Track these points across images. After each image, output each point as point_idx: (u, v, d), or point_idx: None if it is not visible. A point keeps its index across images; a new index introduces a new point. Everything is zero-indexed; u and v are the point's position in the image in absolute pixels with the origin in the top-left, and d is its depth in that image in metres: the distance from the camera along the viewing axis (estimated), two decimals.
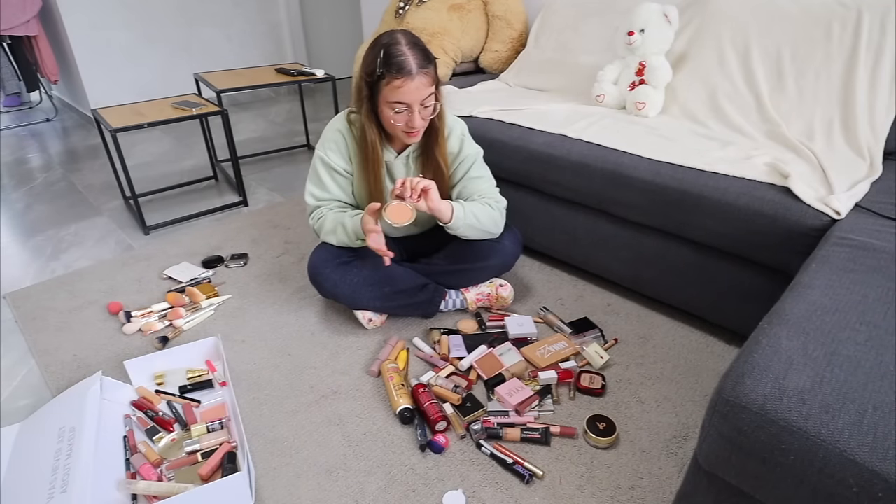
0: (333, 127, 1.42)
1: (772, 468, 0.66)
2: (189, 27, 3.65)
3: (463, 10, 2.32)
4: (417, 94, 1.22)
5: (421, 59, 1.20)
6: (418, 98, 1.22)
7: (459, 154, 1.43)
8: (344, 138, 1.41)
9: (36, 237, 2.11)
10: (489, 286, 1.59)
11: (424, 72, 1.21)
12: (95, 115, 2.09)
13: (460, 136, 1.43)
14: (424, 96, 1.23)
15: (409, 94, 1.21)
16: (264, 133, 3.34)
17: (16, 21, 3.08)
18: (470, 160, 1.44)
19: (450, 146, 1.41)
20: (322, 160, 1.43)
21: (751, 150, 1.43)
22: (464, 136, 1.44)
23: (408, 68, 1.19)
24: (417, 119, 1.25)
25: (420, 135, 1.32)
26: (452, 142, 1.42)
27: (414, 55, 1.20)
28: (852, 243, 1.00)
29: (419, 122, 1.26)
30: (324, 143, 1.43)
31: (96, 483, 1.03)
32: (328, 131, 1.43)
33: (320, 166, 1.44)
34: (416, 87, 1.21)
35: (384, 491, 1.08)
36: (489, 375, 1.33)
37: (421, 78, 1.20)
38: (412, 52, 1.20)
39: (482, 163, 1.49)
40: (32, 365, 1.45)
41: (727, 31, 1.68)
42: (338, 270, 1.45)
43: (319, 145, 1.44)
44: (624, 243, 1.55)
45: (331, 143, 1.41)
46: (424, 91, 1.22)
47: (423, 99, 1.23)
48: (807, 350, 0.72)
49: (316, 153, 1.44)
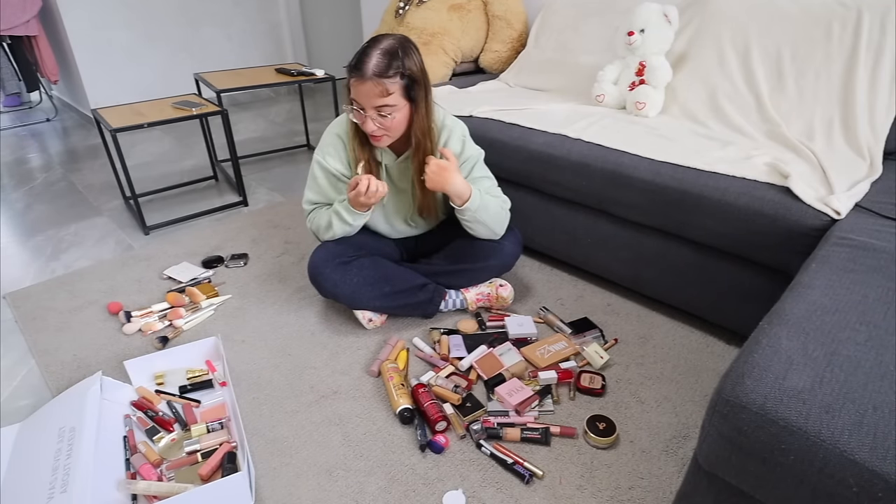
0: (332, 131, 1.42)
1: (772, 468, 0.66)
2: (189, 27, 3.65)
3: (463, 10, 2.32)
4: (367, 99, 1.21)
5: (381, 67, 1.18)
6: (369, 103, 1.21)
7: (461, 155, 1.43)
8: (343, 142, 1.40)
9: (36, 237, 2.11)
10: (489, 286, 1.59)
11: (378, 80, 1.18)
12: (95, 115, 2.09)
13: (461, 137, 1.43)
14: (376, 104, 1.21)
15: (359, 96, 1.21)
16: (264, 133, 3.34)
17: (16, 21, 3.08)
18: (472, 161, 1.44)
19: (451, 146, 1.41)
20: (320, 164, 1.42)
21: (751, 150, 1.43)
22: (465, 138, 1.44)
23: (362, 69, 1.18)
24: (369, 123, 1.25)
25: (383, 141, 1.31)
26: (454, 143, 1.41)
27: (378, 60, 1.18)
28: (852, 243, 1.00)
29: (370, 126, 1.25)
30: (322, 148, 1.42)
31: (96, 483, 1.03)
32: (327, 136, 1.42)
33: (318, 171, 1.43)
34: (366, 92, 1.20)
35: (384, 491, 1.08)
36: (489, 375, 1.33)
37: (372, 84, 1.19)
38: (380, 57, 1.19)
39: (483, 165, 1.48)
40: (32, 365, 1.45)
41: (727, 31, 1.68)
42: (338, 270, 1.45)
43: (318, 150, 1.43)
44: (624, 243, 1.55)
45: (329, 148, 1.41)
46: (374, 98, 1.20)
47: (377, 106, 1.22)
48: (807, 350, 0.72)
49: (314, 158, 1.44)
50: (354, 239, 1.52)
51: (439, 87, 2.13)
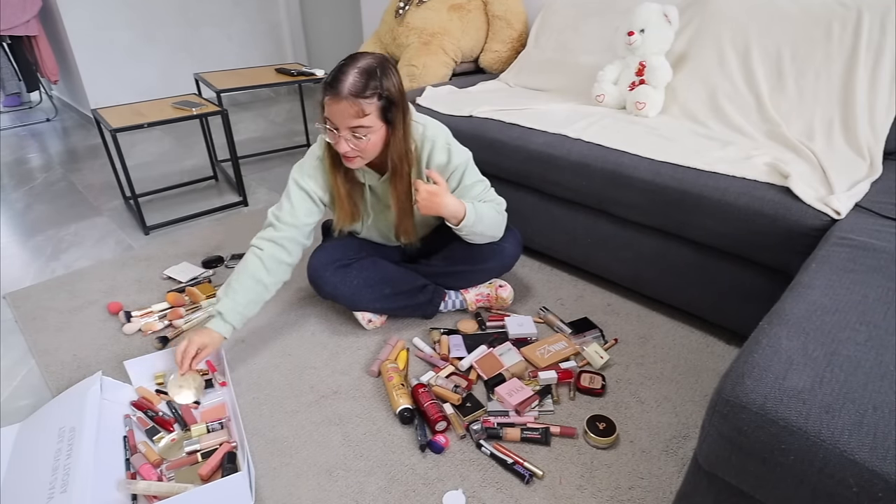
0: (313, 154, 1.37)
1: (772, 468, 0.66)
2: (189, 27, 3.65)
3: (463, 10, 2.32)
4: (341, 119, 1.16)
5: (358, 87, 1.14)
6: (343, 122, 1.17)
7: (449, 165, 1.35)
8: (321, 164, 1.36)
9: (36, 237, 2.11)
10: (489, 287, 1.59)
11: (354, 100, 1.14)
12: (95, 115, 2.09)
13: (445, 145, 1.35)
14: (351, 124, 1.17)
15: (333, 115, 1.17)
16: (264, 133, 3.34)
17: (16, 21, 3.08)
18: (461, 169, 1.37)
19: (436, 159, 1.35)
20: (296, 182, 1.36)
21: (751, 150, 1.43)
22: (449, 145, 1.35)
23: (337, 88, 1.13)
24: (342, 143, 1.20)
25: (356, 162, 1.25)
26: (438, 154, 1.34)
27: (355, 79, 1.13)
28: (852, 243, 1.00)
29: (343, 147, 1.20)
30: (302, 166, 1.37)
31: (96, 483, 1.03)
32: (308, 157, 1.37)
33: (293, 188, 1.36)
34: (341, 111, 1.15)
35: (384, 491, 1.08)
36: (489, 375, 1.33)
37: (347, 104, 1.14)
38: (357, 76, 1.14)
39: (473, 167, 1.41)
40: (32, 365, 1.45)
41: (727, 31, 1.68)
42: (337, 273, 1.44)
43: (297, 167, 1.38)
44: (624, 243, 1.55)
45: (309, 169, 1.36)
46: (349, 119, 1.16)
47: (352, 127, 1.17)
48: (807, 350, 0.72)
49: (292, 175, 1.37)
50: (354, 242, 1.52)
51: (439, 87, 2.13)
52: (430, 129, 1.35)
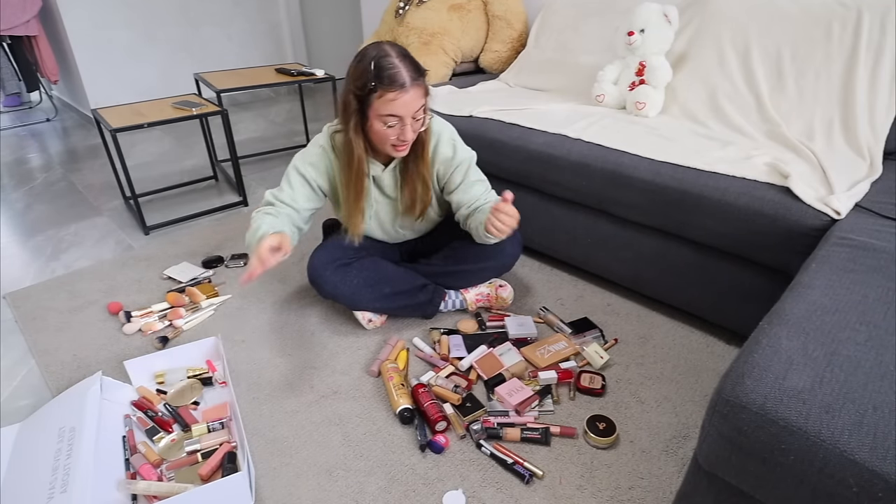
0: (317, 143, 1.38)
1: (772, 468, 0.66)
2: (189, 27, 3.65)
3: (463, 10, 2.32)
4: (411, 107, 1.19)
5: (413, 72, 1.18)
6: (411, 111, 1.20)
7: (454, 159, 1.40)
8: (326, 155, 1.37)
9: (36, 237, 2.11)
10: (489, 287, 1.59)
11: (417, 84, 1.19)
12: (95, 115, 2.09)
13: (450, 139, 1.40)
14: (416, 109, 1.21)
15: (403, 107, 1.19)
16: (264, 133, 3.34)
17: (16, 21, 3.08)
18: (466, 164, 1.41)
19: (442, 152, 1.39)
20: (297, 168, 1.38)
21: (751, 150, 1.43)
22: (454, 140, 1.41)
23: (401, 81, 1.16)
24: (409, 132, 1.23)
25: (408, 148, 1.30)
26: (444, 148, 1.39)
27: (406, 67, 1.18)
28: (852, 243, 1.00)
29: (410, 135, 1.24)
30: (304, 155, 1.38)
31: (96, 483, 1.03)
32: (311, 146, 1.39)
33: (293, 174, 1.38)
34: (410, 100, 1.18)
35: (384, 491, 1.08)
36: (489, 375, 1.33)
37: (415, 90, 1.18)
38: (404, 63, 1.18)
39: (476, 167, 1.45)
40: (32, 365, 1.45)
41: (727, 31, 1.68)
42: (338, 272, 1.44)
43: (299, 155, 1.39)
44: (624, 243, 1.55)
45: (311, 157, 1.37)
46: (417, 103, 1.20)
47: (415, 112, 1.21)
48: (807, 350, 0.72)
49: (293, 162, 1.39)
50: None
51: (439, 87, 2.13)
52: (437, 122, 1.40)
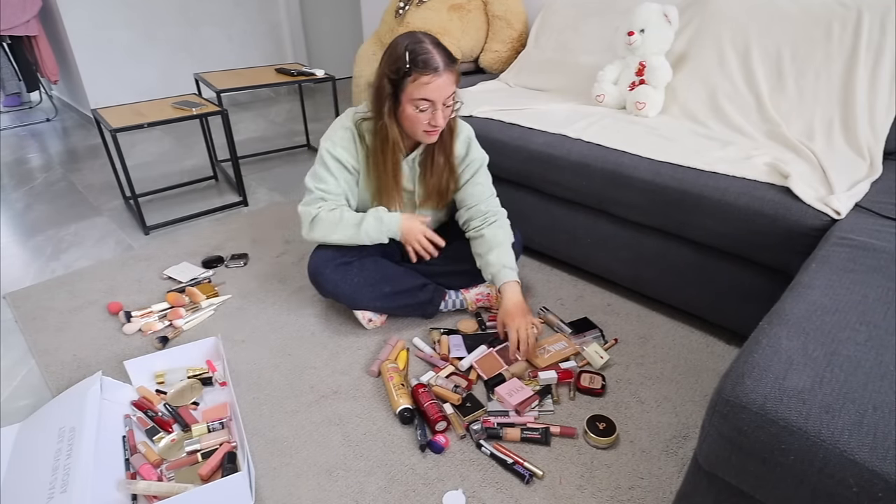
0: (341, 125, 1.39)
1: (772, 468, 0.66)
2: (189, 27, 3.65)
3: (463, 10, 2.32)
4: (444, 91, 1.23)
5: (446, 58, 1.23)
6: (444, 95, 1.23)
7: (466, 158, 1.44)
8: (353, 136, 1.38)
9: (36, 237, 2.11)
10: (489, 286, 1.59)
11: (451, 69, 1.23)
12: (95, 115, 2.09)
13: (467, 139, 1.44)
14: (448, 94, 1.25)
15: (436, 91, 1.22)
16: (264, 133, 3.34)
17: (16, 21, 3.07)
18: (476, 165, 1.45)
19: (456, 150, 1.41)
20: (330, 153, 1.37)
21: (751, 150, 1.43)
22: (470, 140, 1.44)
23: (435, 64, 1.20)
24: (440, 117, 1.26)
25: (438, 134, 1.32)
26: (459, 145, 1.41)
27: (440, 53, 1.22)
28: (852, 243, 1.00)
29: (442, 120, 1.27)
30: (332, 138, 1.38)
31: (96, 483, 1.03)
32: (337, 129, 1.39)
33: (329, 159, 1.38)
34: (444, 84, 1.22)
35: (384, 491, 1.08)
36: (489, 375, 1.33)
37: (448, 75, 1.22)
38: (437, 50, 1.22)
39: (486, 170, 1.49)
40: (32, 365, 1.45)
41: (727, 31, 1.68)
42: (338, 271, 1.44)
43: (327, 139, 1.38)
44: (624, 243, 1.55)
45: (340, 140, 1.38)
46: (450, 88, 1.24)
47: (447, 97, 1.25)
48: (807, 350, 0.72)
49: (323, 147, 1.38)
50: None
51: None
52: (458, 120, 1.43)
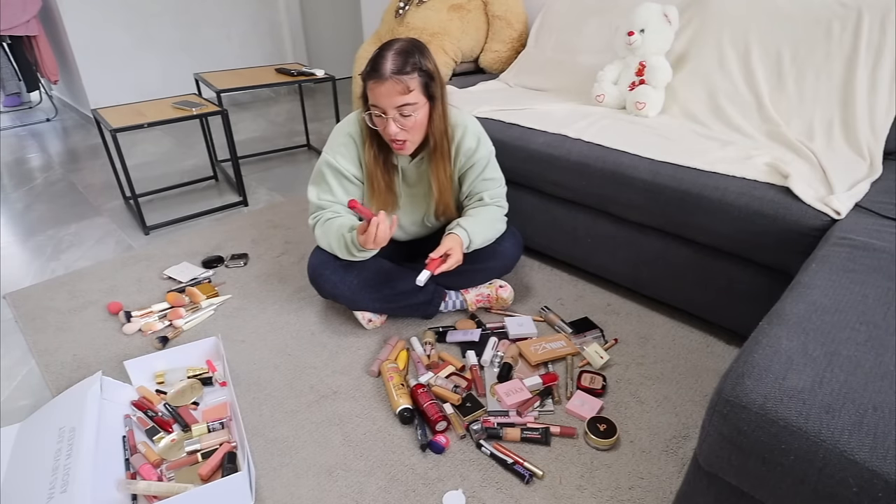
0: (343, 131, 1.38)
1: (772, 468, 0.66)
2: (189, 27, 3.65)
3: (463, 10, 2.32)
4: (388, 100, 1.20)
5: (398, 66, 1.18)
6: (390, 104, 1.20)
7: (476, 153, 1.41)
8: (354, 142, 1.37)
9: (36, 237, 2.11)
10: (489, 287, 1.59)
11: (398, 78, 1.18)
12: (95, 115, 2.09)
13: (475, 133, 1.41)
14: (398, 104, 1.20)
15: (380, 98, 1.20)
16: (264, 133, 3.34)
17: (16, 21, 3.07)
18: (484, 161, 1.43)
19: (467, 144, 1.40)
20: (329, 164, 1.38)
21: (751, 150, 1.43)
22: (479, 135, 1.43)
23: (380, 71, 1.18)
24: (391, 126, 1.23)
25: (406, 147, 1.29)
26: (469, 141, 1.40)
27: (394, 60, 1.18)
28: (852, 243, 1.00)
29: (392, 130, 1.23)
30: (332, 147, 1.38)
31: (96, 483, 1.03)
32: (337, 135, 1.39)
33: (327, 170, 1.38)
34: (386, 92, 1.19)
35: (384, 491, 1.08)
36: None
37: (392, 84, 1.18)
38: (395, 57, 1.19)
39: (495, 163, 1.48)
40: (32, 365, 1.45)
41: (727, 31, 1.68)
42: (338, 272, 1.44)
43: (327, 149, 1.39)
44: (624, 243, 1.55)
45: (340, 148, 1.37)
46: (395, 98, 1.20)
47: (399, 106, 1.21)
48: (807, 350, 0.72)
49: (323, 157, 1.39)
50: None
51: None
52: (462, 115, 1.42)
